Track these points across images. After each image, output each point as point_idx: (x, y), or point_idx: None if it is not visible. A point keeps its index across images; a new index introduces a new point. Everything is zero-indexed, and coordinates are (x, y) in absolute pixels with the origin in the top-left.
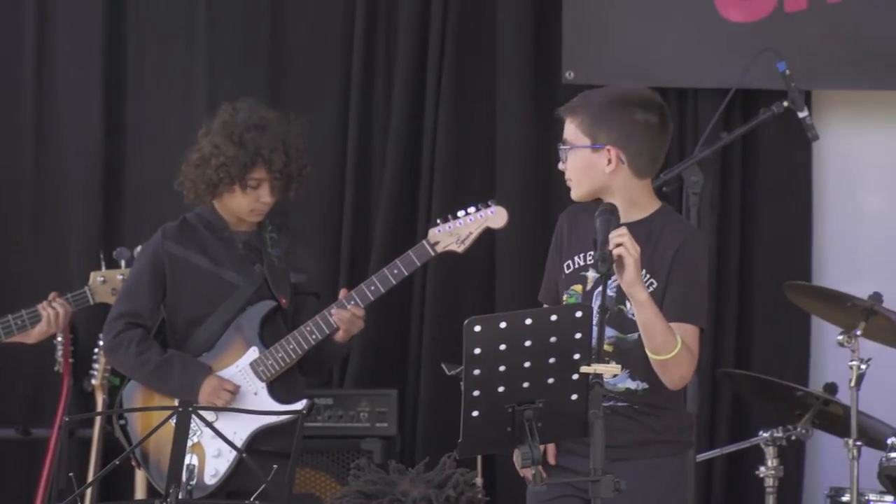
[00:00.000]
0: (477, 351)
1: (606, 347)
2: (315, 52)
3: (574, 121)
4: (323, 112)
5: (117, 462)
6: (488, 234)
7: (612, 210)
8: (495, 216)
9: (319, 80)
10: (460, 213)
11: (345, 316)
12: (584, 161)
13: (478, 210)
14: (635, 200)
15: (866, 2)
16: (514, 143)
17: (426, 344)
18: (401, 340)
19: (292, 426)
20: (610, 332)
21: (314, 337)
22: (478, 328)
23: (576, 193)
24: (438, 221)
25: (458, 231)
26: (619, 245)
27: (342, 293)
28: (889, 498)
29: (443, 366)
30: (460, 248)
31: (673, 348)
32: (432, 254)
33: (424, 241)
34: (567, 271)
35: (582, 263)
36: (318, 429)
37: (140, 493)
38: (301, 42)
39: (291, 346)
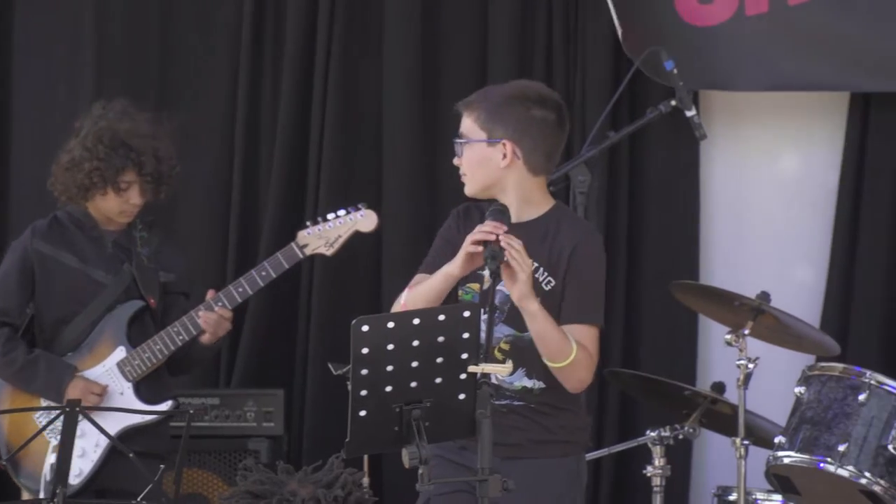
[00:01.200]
0: (365, 351)
1: (503, 345)
2: (203, 50)
3: (471, 115)
4: (211, 110)
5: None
6: (376, 233)
7: (504, 210)
8: (364, 220)
9: (207, 79)
10: (329, 216)
11: (211, 318)
12: (479, 155)
13: (347, 213)
14: (529, 198)
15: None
16: (401, 143)
17: (313, 343)
18: (287, 340)
19: (158, 426)
20: (507, 330)
21: (181, 338)
22: (365, 328)
23: (470, 189)
24: (308, 224)
25: (327, 234)
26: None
27: (209, 294)
28: (776, 496)
29: (329, 365)
30: (329, 252)
31: (569, 355)
32: (301, 256)
33: (293, 244)
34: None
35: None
36: (204, 429)
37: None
38: (189, 40)
39: (158, 347)
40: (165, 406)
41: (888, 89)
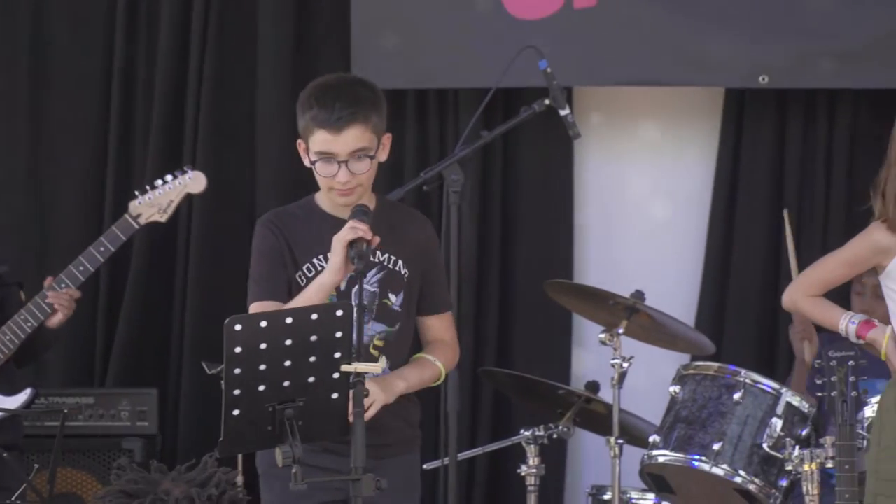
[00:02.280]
0: (238, 350)
1: (377, 343)
2: (76, 46)
3: (367, 125)
4: (84, 106)
5: None
6: (249, 233)
7: (367, 211)
8: (193, 181)
9: (81, 74)
10: (158, 183)
11: (63, 298)
12: (375, 162)
13: (175, 177)
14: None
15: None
16: (274, 142)
17: (187, 343)
18: (162, 339)
19: (14, 417)
20: (378, 327)
21: (29, 325)
22: (238, 327)
23: (356, 200)
24: (137, 193)
25: (158, 200)
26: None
27: (47, 281)
28: (651, 495)
29: (203, 365)
30: (163, 218)
31: (440, 374)
32: (136, 226)
33: (126, 215)
34: (310, 275)
35: (325, 266)
36: (78, 428)
37: None
38: (62, 36)
39: (8, 338)
40: (25, 395)
41: (720, 85)
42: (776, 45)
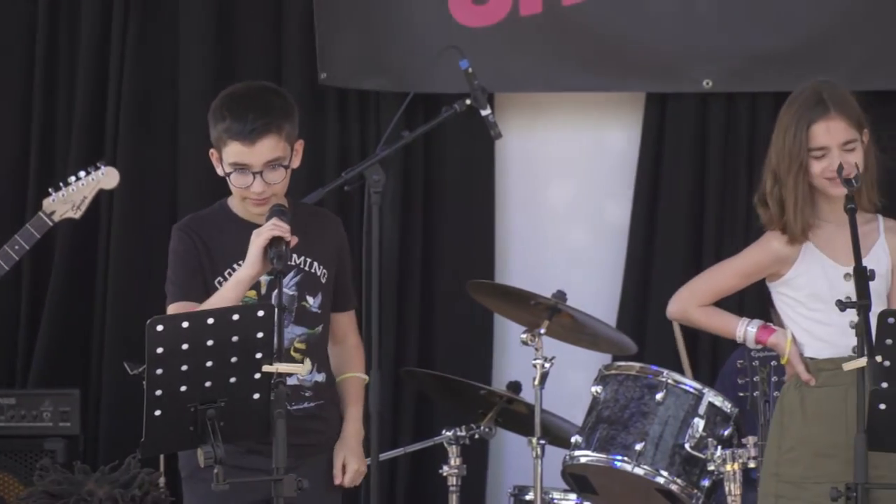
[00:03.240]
0: (159, 350)
1: (298, 345)
2: None
3: (280, 135)
4: (5, 101)
5: None
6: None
7: (285, 210)
8: (107, 177)
9: (1, 70)
10: (71, 179)
11: None
12: (288, 172)
13: (88, 174)
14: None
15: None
16: (195, 141)
17: (109, 343)
18: (84, 340)
19: None
20: (299, 329)
21: None
22: (160, 327)
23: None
24: (51, 191)
25: (71, 197)
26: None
27: None
28: (572, 496)
29: (125, 365)
30: (77, 214)
31: (364, 380)
32: (50, 224)
33: (40, 213)
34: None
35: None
36: (0, 429)
37: None
38: None
39: None
40: None
41: (667, 90)
42: (715, 50)
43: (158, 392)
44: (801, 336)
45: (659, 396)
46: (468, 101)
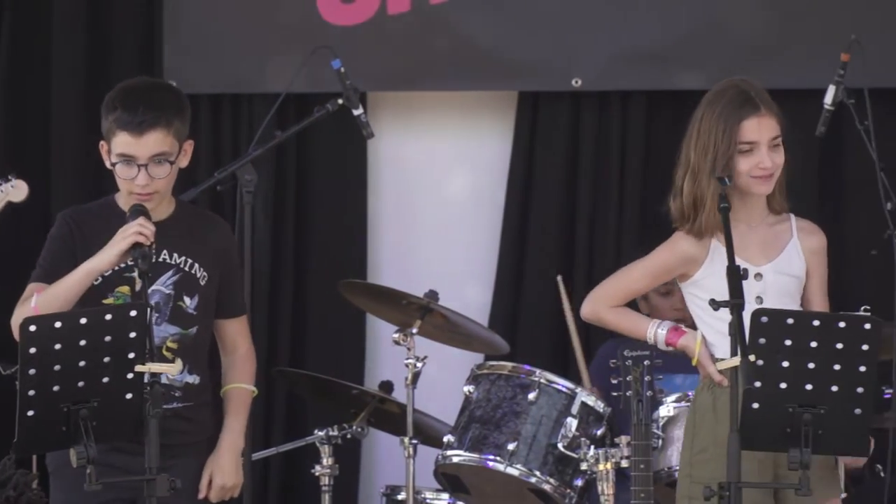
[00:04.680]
0: (32, 350)
1: (171, 345)
2: None
3: (169, 129)
4: None
5: None
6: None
7: (144, 210)
8: (16, 190)
9: None
10: None
11: None
12: (175, 169)
13: None
14: (168, 195)
15: (467, 3)
16: (69, 145)
17: None
18: None
19: None
20: (172, 329)
21: None
22: (33, 328)
23: (155, 204)
24: None
25: None
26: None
27: None
28: (445, 496)
29: None
30: None
31: (253, 393)
32: None
33: None
34: (107, 273)
35: (123, 265)
36: None
37: None
38: None
39: None
40: None
41: (537, 89)
42: (587, 48)
43: (31, 392)
44: (713, 337)
45: (531, 396)
46: (340, 101)
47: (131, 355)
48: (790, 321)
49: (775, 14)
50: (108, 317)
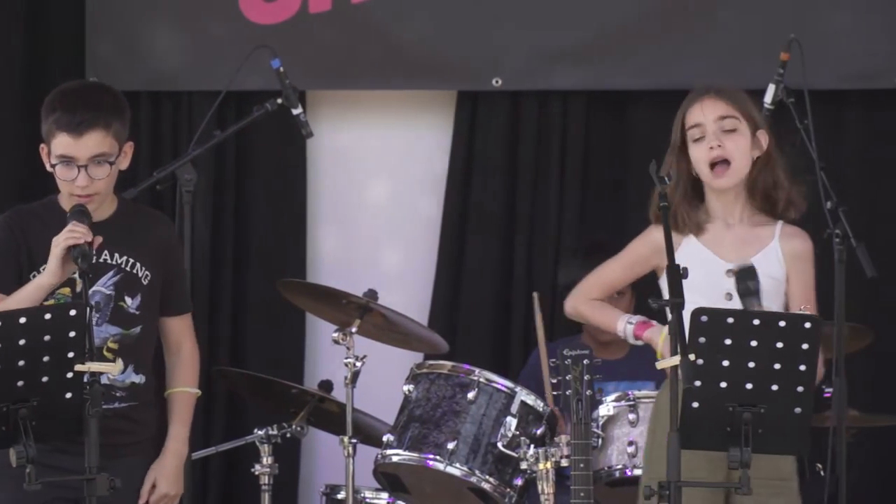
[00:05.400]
0: None
1: (111, 345)
2: None
3: (108, 130)
4: None
5: None
6: None
7: (84, 211)
8: None
9: None
10: None
11: None
12: (115, 170)
13: None
14: (110, 195)
15: (387, 4)
16: (3, 144)
17: None
18: None
19: None
20: (113, 329)
21: None
22: None
23: (98, 205)
24: None
25: None
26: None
27: None
28: (384, 495)
29: None
30: None
31: (197, 394)
32: None
33: None
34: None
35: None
36: None
37: None
38: None
39: None
40: None
41: (459, 88)
42: (508, 48)
43: None
44: None
45: (471, 395)
46: (279, 101)
47: (71, 354)
48: (730, 320)
49: (711, 12)
50: (48, 316)
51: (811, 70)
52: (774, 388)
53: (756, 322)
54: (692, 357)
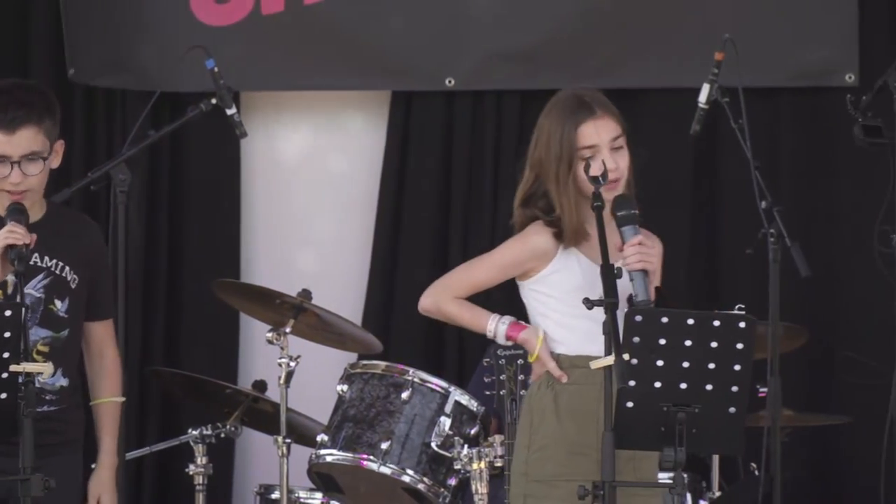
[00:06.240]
0: None
1: (41, 347)
2: None
3: (40, 128)
4: None
5: None
6: None
7: (22, 210)
8: None
9: None
10: None
11: None
12: (47, 166)
13: None
14: (40, 196)
15: (340, 5)
16: None
17: None
18: None
19: None
20: (43, 332)
21: None
22: None
23: (31, 202)
24: None
25: None
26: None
27: None
28: (318, 495)
29: None
30: None
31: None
32: None
33: None
34: None
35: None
36: None
37: None
38: None
39: None
40: None
41: (411, 88)
42: (457, 49)
43: None
44: (556, 333)
45: (405, 395)
46: (214, 101)
47: (6, 355)
48: (665, 320)
49: (649, 13)
50: None
51: (749, 69)
52: (709, 387)
53: (690, 322)
54: (626, 357)
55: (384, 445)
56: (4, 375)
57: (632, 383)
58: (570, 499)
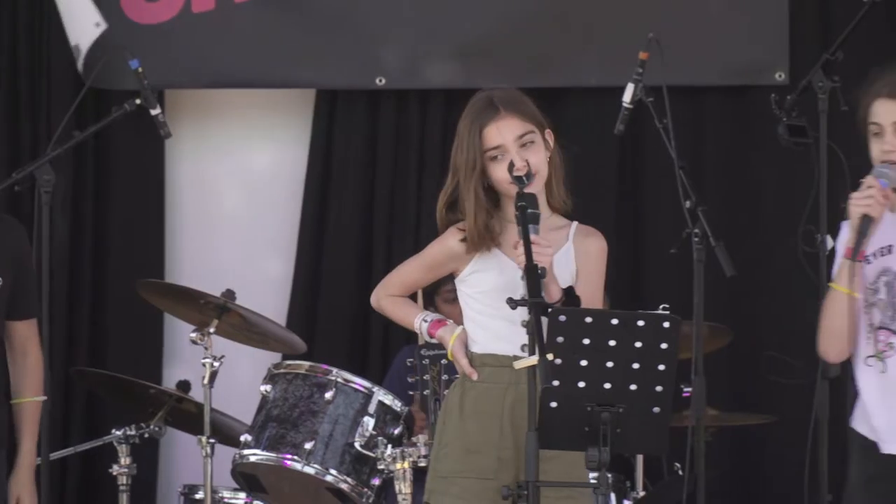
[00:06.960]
0: None
1: None
2: None
3: None
4: None
5: None
6: None
7: None
8: None
9: None
10: None
11: None
12: None
13: None
14: None
15: (271, 3)
16: None
17: None
18: None
19: None
20: None
21: None
22: None
23: None
24: None
25: None
26: None
27: None
28: (242, 495)
29: None
30: None
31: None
32: None
33: None
34: None
35: None
36: None
37: None
38: None
39: None
40: None
41: (339, 87)
42: (390, 47)
43: None
44: (473, 331)
45: (328, 395)
46: (138, 101)
47: None
48: (588, 320)
49: (575, 13)
50: None
51: (678, 68)
52: (633, 387)
53: (615, 322)
54: (550, 357)
55: (308, 445)
56: None
57: (556, 383)
58: (464, 496)
